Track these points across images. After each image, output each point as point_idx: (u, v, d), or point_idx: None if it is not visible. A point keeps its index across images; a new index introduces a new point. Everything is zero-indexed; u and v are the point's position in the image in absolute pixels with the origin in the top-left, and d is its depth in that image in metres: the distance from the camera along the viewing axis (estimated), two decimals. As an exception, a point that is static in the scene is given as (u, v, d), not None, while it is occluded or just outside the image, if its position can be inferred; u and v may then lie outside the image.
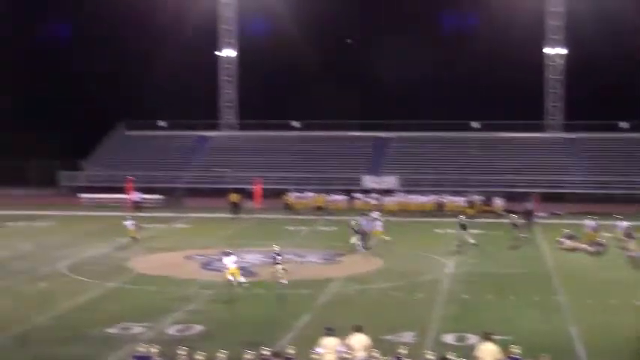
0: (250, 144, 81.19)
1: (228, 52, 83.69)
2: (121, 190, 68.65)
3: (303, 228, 53.24)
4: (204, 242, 47.76)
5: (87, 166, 79.14)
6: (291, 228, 54.07)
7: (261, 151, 79.52)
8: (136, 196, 64.92)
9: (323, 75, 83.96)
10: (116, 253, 44.23)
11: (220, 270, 36.28)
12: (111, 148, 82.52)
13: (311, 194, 65.63)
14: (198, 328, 28.52)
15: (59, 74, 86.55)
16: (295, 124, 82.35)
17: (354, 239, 44.01)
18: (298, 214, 61.42)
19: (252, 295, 33.71)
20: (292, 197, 65.24)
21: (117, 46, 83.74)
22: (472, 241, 45.20)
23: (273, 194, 67.44)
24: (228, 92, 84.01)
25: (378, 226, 45.84)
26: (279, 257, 35.26)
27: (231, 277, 33.59)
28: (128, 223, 46.47)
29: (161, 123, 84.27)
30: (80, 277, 37.33)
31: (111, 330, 28.20)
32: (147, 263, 41.22)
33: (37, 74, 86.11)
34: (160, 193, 67.62)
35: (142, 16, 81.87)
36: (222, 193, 66.44)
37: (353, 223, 45.02)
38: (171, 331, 28.22)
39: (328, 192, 65.60)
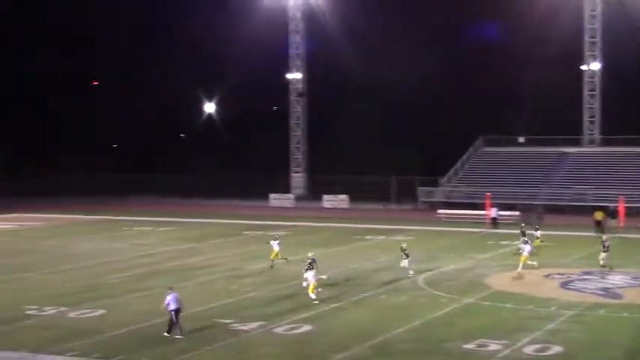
0: (614, 160, 77.56)
1: (593, 66, 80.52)
2: (479, 207, 68.48)
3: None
4: (565, 261, 46.08)
5: (445, 182, 79.89)
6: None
7: (625, 167, 75.75)
8: (493, 212, 64.27)
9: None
10: (473, 269, 43.90)
11: (581, 290, 34.89)
12: (469, 164, 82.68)
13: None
14: (556, 349, 27.28)
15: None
16: (665, 138, 77.52)
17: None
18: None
19: (616, 317, 31.87)
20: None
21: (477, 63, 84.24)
22: None
23: None
24: (591, 107, 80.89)
25: None
26: (314, 263, 36.54)
27: (312, 295, 34.87)
28: (274, 243, 44.70)
29: (520, 139, 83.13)
30: (436, 292, 37.38)
31: (467, 346, 27.78)
32: (504, 280, 40.43)
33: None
34: (518, 210, 66.40)
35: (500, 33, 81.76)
36: (582, 210, 63.96)
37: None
38: (529, 350, 27.22)
39: None
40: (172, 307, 29.28)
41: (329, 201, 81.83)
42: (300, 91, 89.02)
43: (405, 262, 40.97)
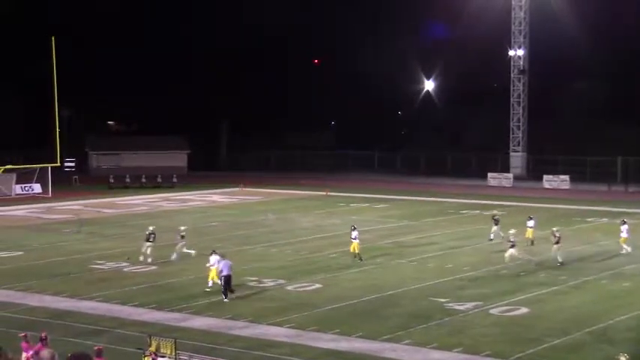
0: None
1: None
2: None
3: None
4: None
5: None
6: None
7: None
8: None
9: None
10: None
11: None
12: None
13: None
14: None
15: None
16: None
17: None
18: None
19: None
20: None
21: None
22: None
23: None
24: None
25: None
26: (152, 236, 38.82)
27: (210, 281, 33.33)
28: (354, 234, 40.04)
29: None
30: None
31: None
32: None
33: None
34: None
35: None
36: None
37: None
38: None
39: None
40: (225, 272, 31.63)
41: (549, 181, 79.47)
42: (522, 67, 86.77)
43: (180, 245, 40.05)
